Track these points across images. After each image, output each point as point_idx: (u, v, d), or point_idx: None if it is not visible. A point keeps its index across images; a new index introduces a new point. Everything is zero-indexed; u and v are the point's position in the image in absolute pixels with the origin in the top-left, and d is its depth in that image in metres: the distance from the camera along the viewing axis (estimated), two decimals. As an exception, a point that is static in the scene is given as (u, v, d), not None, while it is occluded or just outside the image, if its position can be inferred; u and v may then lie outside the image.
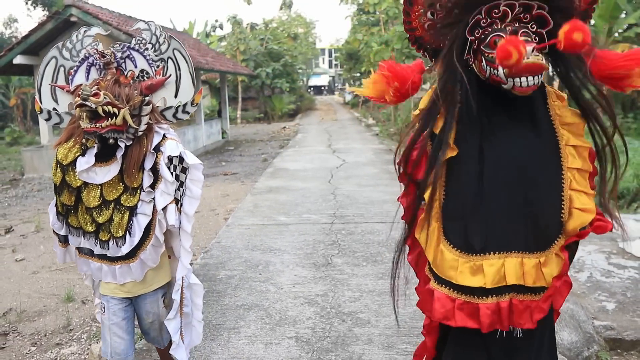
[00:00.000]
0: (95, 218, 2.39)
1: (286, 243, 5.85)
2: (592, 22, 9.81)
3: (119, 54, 2.47)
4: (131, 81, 2.44)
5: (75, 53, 2.53)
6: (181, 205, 2.43)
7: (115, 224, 2.37)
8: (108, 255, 2.43)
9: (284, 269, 5.04)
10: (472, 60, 1.72)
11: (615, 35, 16.37)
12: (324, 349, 3.49)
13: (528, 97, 1.69)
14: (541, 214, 1.70)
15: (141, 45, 2.50)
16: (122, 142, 2.32)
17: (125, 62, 2.48)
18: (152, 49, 2.51)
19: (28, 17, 69.30)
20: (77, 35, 2.55)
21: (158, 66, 2.50)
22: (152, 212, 2.38)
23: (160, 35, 2.51)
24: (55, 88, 2.54)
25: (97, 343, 3.78)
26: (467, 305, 1.71)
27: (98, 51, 2.42)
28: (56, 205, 2.48)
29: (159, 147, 2.38)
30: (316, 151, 14.55)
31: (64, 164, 2.39)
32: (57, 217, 2.49)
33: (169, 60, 2.51)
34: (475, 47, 1.69)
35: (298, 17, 40.60)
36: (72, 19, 12.05)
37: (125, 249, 2.38)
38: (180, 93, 2.51)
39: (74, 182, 2.39)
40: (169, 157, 2.36)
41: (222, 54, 26.39)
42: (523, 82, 1.60)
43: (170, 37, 2.52)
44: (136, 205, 2.37)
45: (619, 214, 1.77)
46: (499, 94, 1.70)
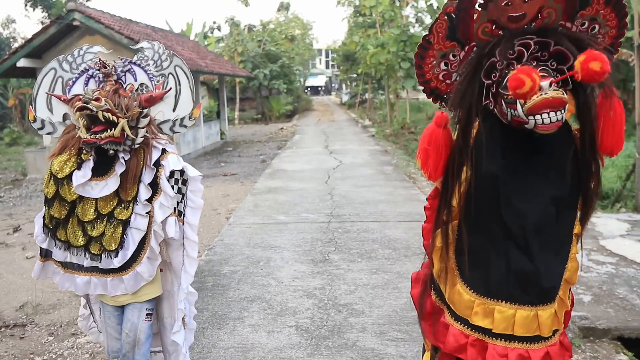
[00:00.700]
0: (88, 232, 2.37)
1: (285, 241, 6.17)
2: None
3: (120, 67, 2.49)
4: (130, 93, 2.43)
5: (75, 66, 2.53)
6: (184, 216, 2.45)
7: (107, 237, 2.36)
8: (99, 267, 2.40)
9: (284, 264, 5.36)
10: (492, 105, 1.66)
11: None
12: (322, 336, 3.82)
13: (554, 143, 1.65)
14: (547, 273, 1.71)
15: (143, 60, 2.53)
16: (121, 155, 2.32)
17: (125, 76, 2.49)
18: (153, 65, 2.53)
19: (26, 18, 69.39)
20: (78, 51, 2.55)
21: (158, 81, 2.52)
22: (147, 226, 2.38)
23: (162, 52, 2.54)
24: (51, 98, 2.53)
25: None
26: (479, 342, 1.75)
27: (100, 61, 2.45)
28: (44, 219, 2.42)
29: (159, 161, 2.39)
30: (313, 152, 14.87)
31: (59, 177, 2.36)
32: (42, 229, 2.44)
33: (170, 75, 2.52)
34: (494, 90, 1.63)
35: (295, 19, 40.91)
36: (75, 23, 12.33)
37: (117, 262, 2.37)
38: (179, 107, 2.53)
39: (68, 196, 2.37)
40: (171, 171, 2.38)
41: (221, 55, 26.67)
42: (545, 119, 1.53)
43: (173, 54, 2.55)
44: (129, 219, 2.36)
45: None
46: (523, 139, 1.65)
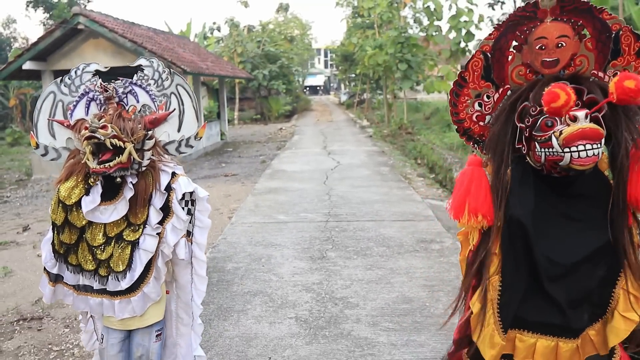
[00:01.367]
0: (97, 256, 2.37)
1: (285, 239, 6.49)
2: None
3: (121, 89, 2.46)
4: (133, 115, 2.43)
5: (74, 88, 2.48)
6: (192, 235, 2.48)
7: (115, 258, 2.36)
8: (107, 289, 2.41)
9: (284, 261, 5.68)
10: (524, 150, 1.67)
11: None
12: (319, 326, 4.14)
13: (588, 191, 1.65)
14: (575, 321, 1.72)
15: (143, 80, 2.48)
16: (129, 179, 2.34)
17: (127, 97, 2.47)
18: (154, 84, 2.49)
19: (26, 18, 69.57)
20: (75, 71, 2.50)
21: (161, 101, 2.50)
22: (156, 247, 2.39)
23: (163, 71, 2.50)
24: (53, 123, 2.50)
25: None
26: None
27: (101, 85, 2.42)
28: (53, 244, 2.40)
29: (170, 185, 2.40)
30: (312, 153, 15.19)
31: (68, 204, 2.35)
32: (52, 255, 2.42)
33: (172, 95, 2.51)
34: (527, 134, 1.64)
35: (294, 19, 41.21)
36: (79, 27, 12.64)
37: (125, 284, 2.37)
38: (184, 127, 2.52)
39: (77, 222, 2.36)
40: (183, 194, 2.41)
41: (220, 56, 26.96)
42: (581, 152, 1.51)
43: (174, 73, 2.52)
44: (138, 240, 2.37)
45: None
46: (556, 186, 1.66)
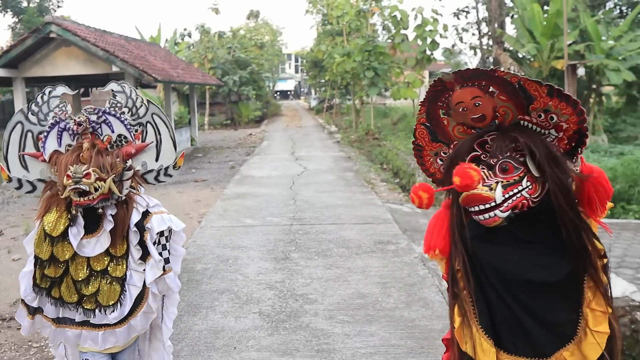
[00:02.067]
0: (82, 290, 2.33)
1: (252, 241, 6.89)
2: (537, 40, 10.93)
3: (94, 118, 2.36)
4: (108, 146, 2.36)
5: (42, 117, 2.39)
6: (167, 262, 2.47)
7: (103, 293, 2.33)
8: (91, 322, 2.36)
9: (250, 262, 6.09)
10: None
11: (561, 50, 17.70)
12: (281, 320, 4.57)
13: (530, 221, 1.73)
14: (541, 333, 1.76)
15: (117, 109, 2.39)
16: (108, 211, 2.31)
17: (100, 127, 2.37)
18: (129, 112, 2.40)
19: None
20: (42, 97, 2.39)
21: (136, 130, 2.42)
22: (143, 282, 2.39)
23: (136, 98, 2.40)
24: (24, 156, 2.40)
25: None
26: None
27: (75, 121, 2.33)
28: (34, 278, 2.33)
29: (143, 225, 2.36)
30: (280, 159, 15.58)
31: (54, 235, 2.30)
32: (33, 289, 2.34)
33: (148, 124, 2.43)
34: None
35: (265, 25, 41.57)
36: (52, 35, 12.83)
37: (113, 318, 2.34)
38: (162, 157, 2.46)
39: (61, 256, 2.31)
40: (159, 232, 2.39)
41: (191, 62, 27.16)
42: (479, 215, 1.69)
43: (149, 101, 2.43)
44: (125, 276, 2.35)
45: None
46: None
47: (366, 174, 12.57)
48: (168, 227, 2.41)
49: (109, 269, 2.33)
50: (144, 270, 2.36)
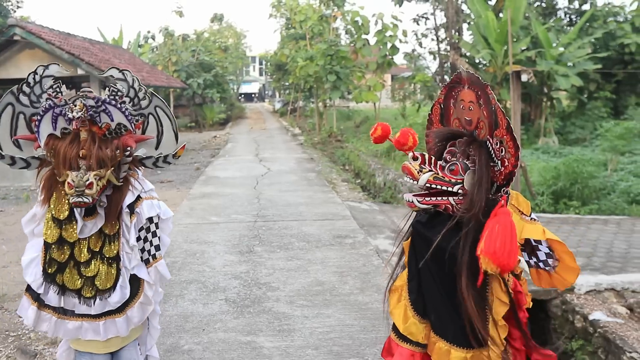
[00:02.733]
0: (83, 272, 2.30)
1: (217, 237, 7.26)
2: (510, 45, 11.50)
3: (91, 103, 2.19)
4: (106, 132, 2.25)
5: (35, 98, 2.25)
6: (158, 250, 2.46)
7: (101, 276, 2.31)
8: (92, 313, 2.33)
9: (216, 255, 6.47)
10: None
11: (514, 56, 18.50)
12: (245, 305, 4.98)
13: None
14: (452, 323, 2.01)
15: (117, 97, 2.24)
16: (104, 192, 2.26)
17: (100, 115, 2.22)
18: (130, 103, 2.27)
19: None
20: (33, 77, 2.24)
21: (137, 120, 2.33)
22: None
23: (139, 89, 2.27)
24: (16, 132, 2.31)
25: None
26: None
27: (73, 112, 2.16)
28: (44, 263, 2.30)
29: (133, 207, 2.34)
30: (244, 160, 15.92)
31: (61, 218, 2.27)
32: (42, 275, 2.30)
33: (150, 116, 2.35)
34: None
35: (229, 28, 41.73)
36: (15, 38, 12.88)
37: (114, 300, 2.31)
38: (162, 147, 2.40)
39: (70, 238, 2.29)
40: (148, 218, 2.37)
41: (155, 65, 27.20)
42: (405, 195, 1.99)
43: (152, 94, 2.32)
44: (119, 257, 2.32)
45: None
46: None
47: (328, 174, 13.03)
48: (157, 213, 2.39)
49: (104, 249, 2.31)
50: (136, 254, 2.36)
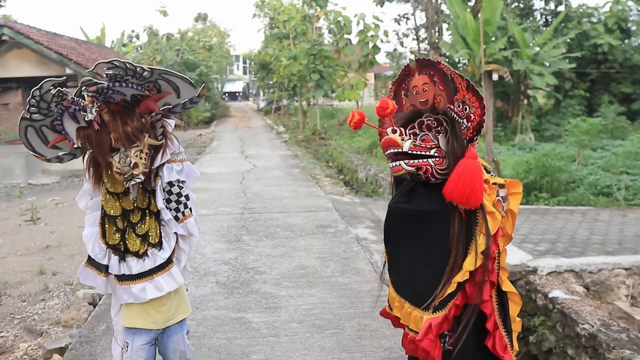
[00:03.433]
0: (138, 231, 2.43)
1: (207, 228, 7.67)
2: (482, 45, 12.07)
3: (100, 94, 2.22)
4: (125, 104, 2.29)
5: (45, 112, 2.31)
6: (186, 207, 2.52)
7: (152, 230, 2.45)
8: (146, 269, 2.45)
9: (206, 244, 6.88)
10: None
11: (491, 56, 19.06)
12: (235, 287, 5.41)
13: (432, 187, 2.15)
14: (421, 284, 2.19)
15: (119, 79, 2.21)
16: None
17: (111, 96, 2.25)
18: (132, 78, 2.23)
19: None
20: (33, 98, 2.24)
21: (148, 86, 2.32)
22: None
23: (135, 67, 2.20)
24: (48, 141, 2.42)
25: (81, 289, 5.49)
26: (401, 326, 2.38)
27: (86, 104, 2.22)
28: (104, 236, 2.44)
29: (157, 170, 2.44)
30: (230, 157, 16.31)
31: (119, 192, 2.40)
32: (103, 246, 2.45)
33: (158, 81, 2.35)
34: None
35: (213, 28, 41.95)
36: (4, 38, 13.16)
37: (165, 254, 2.45)
38: (182, 94, 2.44)
39: (127, 207, 2.43)
40: (168, 182, 2.44)
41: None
42: (391, 164, 2.15)
43: (151, 68, 2.28)
44: (159, 211, 2.45)
45: None
46: (421, 184, 2.21)
47: (312, 170, 13.48)
48: (177, 177, 2.45)
49: (150, 205, 2.46)
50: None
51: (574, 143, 11.22)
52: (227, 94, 64.99)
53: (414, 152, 2.08)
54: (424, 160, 2.08)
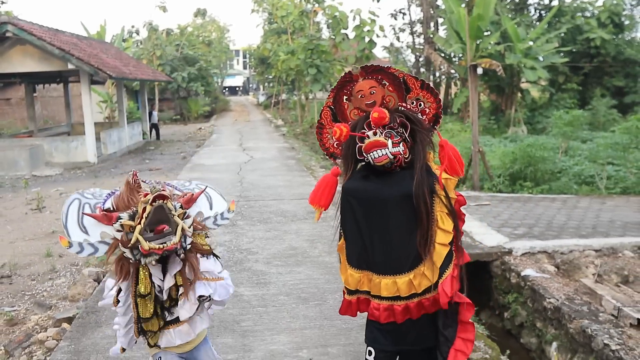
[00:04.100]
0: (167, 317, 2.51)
1: (204, 215, 8.09)
2: (468, 41, 12.48)
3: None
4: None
5: (97, 196, 2.49)
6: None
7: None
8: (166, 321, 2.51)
9: (203, 229, 7.30)
10: (365, 158, 2.38)
11: (484, 50, 19.43)
12: (229, 265, 5.84)
13: (399, 174, 2.36)
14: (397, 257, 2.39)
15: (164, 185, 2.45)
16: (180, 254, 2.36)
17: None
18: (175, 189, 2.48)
19: None
20: (93, 194, 2.50)
21: (185, 192, 2.51)
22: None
23: (174, 187, 2.48)
24: (83, 220, 2.45)
25: (86, 268, 5.93)
26: (364, 299, 2.53)
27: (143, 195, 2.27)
28: (140, 329, 2.47)
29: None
30: (229, 149, 16.73)
31: (146, 294, 2.40)
32: (134, 338, 2.54)
33: (195, 189, 2.57)
34: (359, 147, 2.38)
35: (212, 23, 42.30)
36: (7, 35, 13.52)
37: (185, 314, 2.47)
38: (214, 206, 2.60)
39: (148, 311, 2.43)
40: (198, 297, 2.43)
41: (140, 59, 27.79)
42: (374, 154, 2.29)
43: (189, 182, 2.62)
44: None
45: None
46: (380, 172, 2.41)
47: (307, 162, 13.90)
48: (209, 294, 2.47)
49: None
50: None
51: (557, 134, 11.63)
52: (227, 89, 65.30)
53: (395, 148, 2.33)
54: (398, 148, 2.34)
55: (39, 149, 14.75)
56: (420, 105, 2.46)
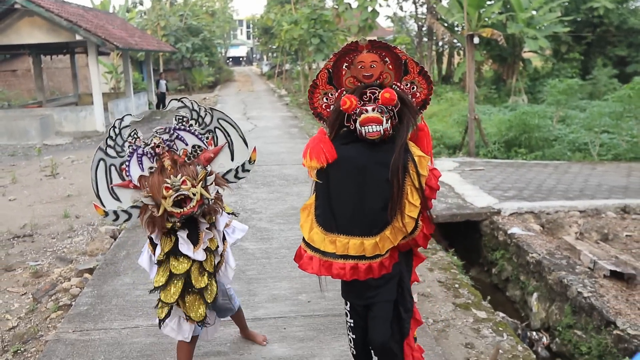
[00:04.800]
0: (207, 299, 2.77)
1: (211, 179, 8.52)
2: (465, 11, 12.72)
3: (166, 137, 2.57)
4: (186, 158, 2.60)
5: (119, 149, 2.59)
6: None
7: (209, 289, 2.76)
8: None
9: (210, 191, 7.74)
10: (352, 126, 2.48)
11: (487, 20, 19.54)
12: (235, 224, 6.27)
13: (382, 146, 2.45)
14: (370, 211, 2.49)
15: (184, 123, 2.59)
16: (203, 227, 2.66)
17: (175, 143, 2.59)
18: (196, 124, 2.61)
19: None
20: (113, 130, 2.61)
21: (207, 137, 2.65)
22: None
23: (199, 109, 2.61)
24: (114, 187, 2.59)
25: (102, 226, 6.39)
26: (327, 263, 2.57)
27: (154, 144, 2.56)
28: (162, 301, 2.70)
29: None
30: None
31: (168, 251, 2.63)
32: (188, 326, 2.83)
33: (216, 129, 2.67)
34: (353, 118, 2.47)
35: (215, -8, 42.13)
36: (16, 6, 13.80)
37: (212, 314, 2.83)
38: (236, 156, 2.71)
39: (179, 269, 2.64)
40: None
41: (144, 30, 27.92)
42: (369, 129, 2.41)
43: (212, 109, 2.66)
44: (214, 272, 2.81)
45: None
46: (367, 144, 2.48)
47: (310, 130, 14.24)
48: (235, 240, 2.97)
49: (208, 265, 2.77)
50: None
51: (551, 102, 11.94)
52: (230, 59, 65.18)
53: (386, 124, 2.46)
54: (387, 124, 2.47)
55: (49, 118, 15.16)
56: (413, 88, 2.60)
